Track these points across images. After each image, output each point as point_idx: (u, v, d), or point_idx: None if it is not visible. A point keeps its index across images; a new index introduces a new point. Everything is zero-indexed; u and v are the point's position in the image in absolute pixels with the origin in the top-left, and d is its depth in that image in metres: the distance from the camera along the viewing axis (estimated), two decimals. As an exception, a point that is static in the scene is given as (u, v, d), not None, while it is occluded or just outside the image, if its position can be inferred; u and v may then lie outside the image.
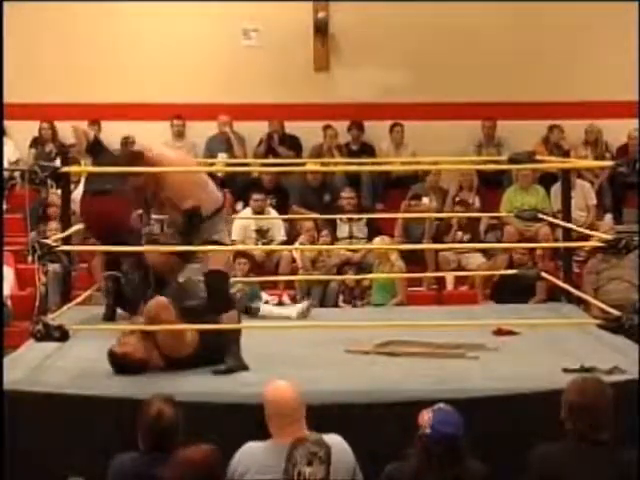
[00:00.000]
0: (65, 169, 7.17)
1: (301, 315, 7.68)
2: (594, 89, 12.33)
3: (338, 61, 12.74)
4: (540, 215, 8.88)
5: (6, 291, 10.03)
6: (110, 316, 7.36)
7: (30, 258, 6.58)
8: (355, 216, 11.00)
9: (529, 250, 9.89)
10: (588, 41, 12.45)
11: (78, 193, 9.62)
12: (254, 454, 4.46)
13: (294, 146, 12.48)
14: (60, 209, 8.51)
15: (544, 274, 8.44)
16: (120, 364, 5.80)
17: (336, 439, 4.43)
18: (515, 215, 9.35)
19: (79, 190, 10.01)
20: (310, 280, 10.48)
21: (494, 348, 6.37)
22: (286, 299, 10.13)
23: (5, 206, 10.71)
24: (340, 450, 4.39)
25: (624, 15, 11.99)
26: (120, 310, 7.41)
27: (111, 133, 11.82)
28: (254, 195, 11.24)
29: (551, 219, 9.03)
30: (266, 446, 4.48)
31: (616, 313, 6.10)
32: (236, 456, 4.47)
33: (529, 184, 11.45)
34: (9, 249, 10.04)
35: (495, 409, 5.23)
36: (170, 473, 4.01)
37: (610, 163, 8.25)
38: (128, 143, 12.14)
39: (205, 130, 12.64)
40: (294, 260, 11.04)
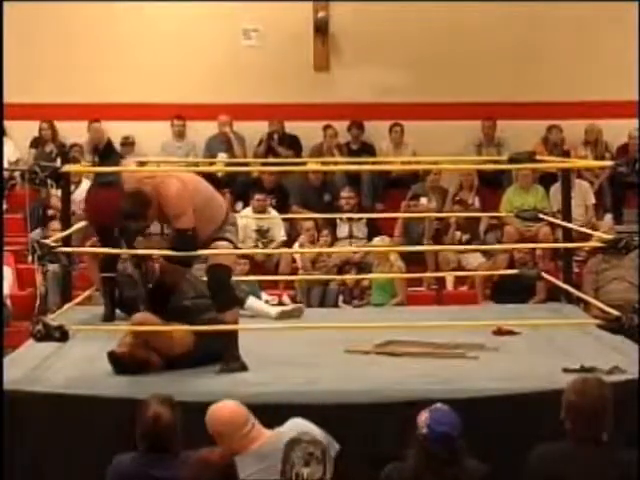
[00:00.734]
0: (65, 169, 7.17)
1: (283, 315, 7.53)
2: (594, 89, 12.32)
3: (338, 61, 12.74)
4: (540, 215, 8.88)
5: (6, 291, 10.03)
6: (110, 316, 7.36)
7: (30, 258, 6.56)
8: (355, 216, 10.98)
9: (529, 250, 9.89)
10: (588, 41, 12.44)
11: (78, 193, 9.69)
12: None
13: (294, 146, 12.47)
14: (60, 209, 8.51)
15: (544, 274, 8.44)
16: (120, 364, 5.80)
17: (300, 423, 4.44)
18: (515, 215, 9.36)
19: (79, 190, 10.07)
20: (310, 280, 10.49)
21: (494, 348, 6.37)
22: (286, 299, 10.13)
23: (5, 206, 10.70)
24: (312, 430, 4.39)
25: (624, 15, 12.00)
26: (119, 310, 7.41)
27: (111, 133, 11.70)
28: (256, 195, 11.25)
29: (551, 219, 9.03)
30: None
31: (616, 313, 6.09)
32: None
33: (529, 184, 11.44)
34: (9, 249, 10.03)
35: (495, 409, 5.22)
36: (186, 474, 4.00)
37: (610, 163, 8.27)
38: (128, 143, 12.16)
39: (205, 130, 12.62)
40: (294, 260, 11.04)
